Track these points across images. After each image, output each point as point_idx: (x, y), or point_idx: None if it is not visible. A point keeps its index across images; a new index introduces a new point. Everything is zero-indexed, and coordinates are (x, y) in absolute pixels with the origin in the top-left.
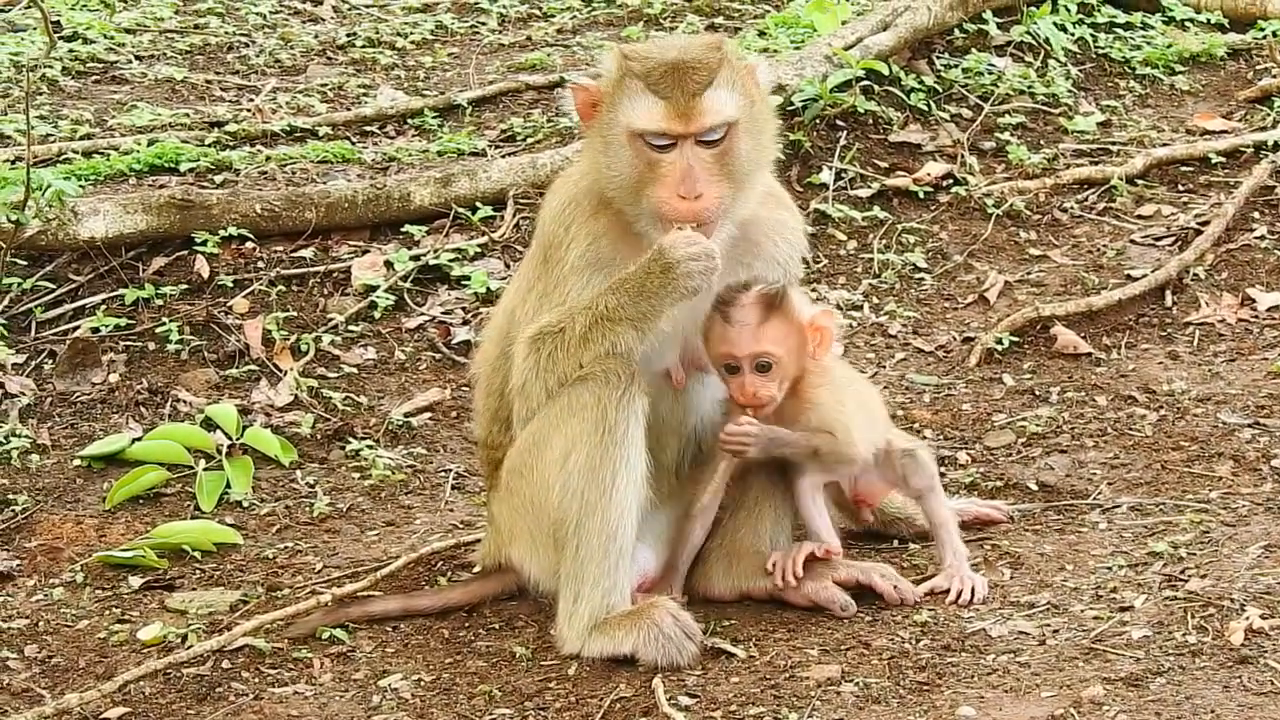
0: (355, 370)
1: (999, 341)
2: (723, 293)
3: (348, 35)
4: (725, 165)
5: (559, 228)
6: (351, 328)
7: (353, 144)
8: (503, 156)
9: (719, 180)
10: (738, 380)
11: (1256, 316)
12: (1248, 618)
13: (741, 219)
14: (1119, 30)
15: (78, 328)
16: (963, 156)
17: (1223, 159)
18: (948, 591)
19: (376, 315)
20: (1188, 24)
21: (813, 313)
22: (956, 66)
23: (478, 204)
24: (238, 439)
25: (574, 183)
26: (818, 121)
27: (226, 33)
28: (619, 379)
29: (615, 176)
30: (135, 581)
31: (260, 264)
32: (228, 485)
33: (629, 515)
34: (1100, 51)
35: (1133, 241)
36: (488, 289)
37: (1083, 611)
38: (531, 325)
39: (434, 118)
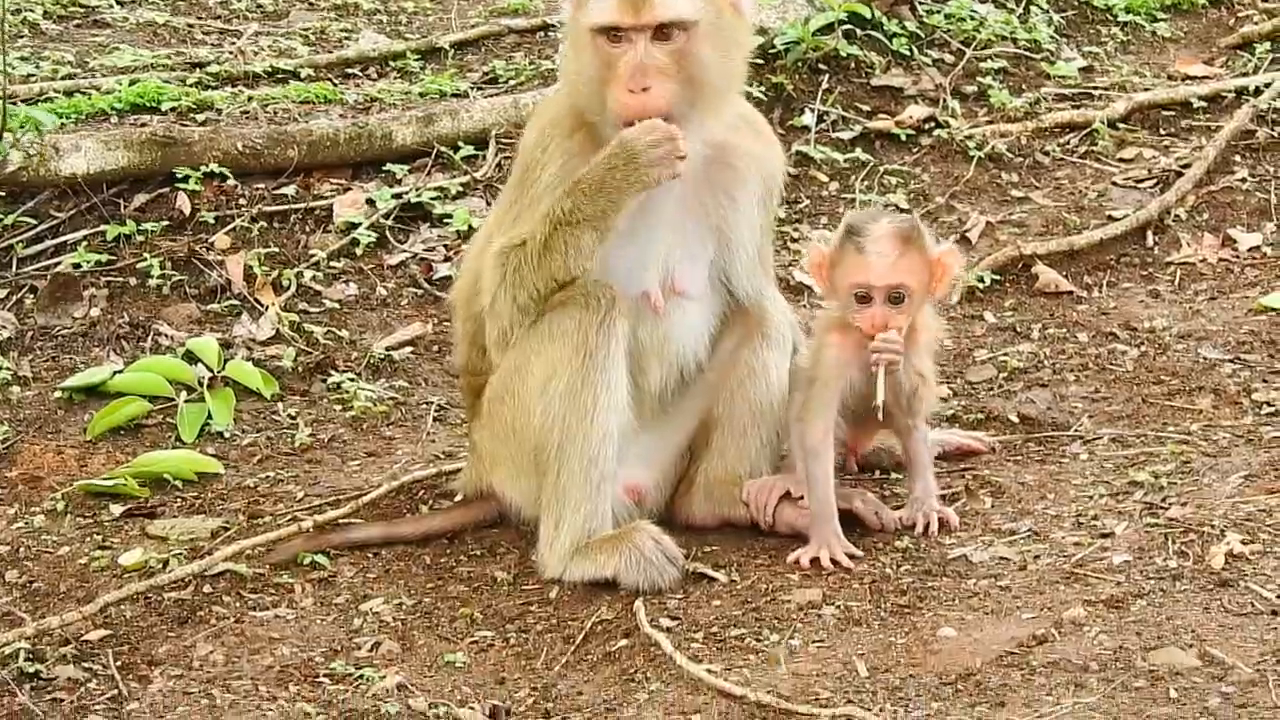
0: (337, 305)
1: (981, 280)
2: (854, 222)
3: None
4: (683, 68)
5: (536, 149)
6: (333, 264)
7: (335, 85)
8: (485, 98)
9: (672, 81)
10: (868, 311)
11: (1237, 256)
12: (1228, 543)
13: (715, 140)
14: None
15: (59, 263)
16: (945, 100)
17: (1204, 104)
18: (913, 526)
19: (358, 252)
20: None
21: (940, 249)
22: (939, 12)
23: (460, 143)
24: (219, 371)
25: (554, 104)
26: (800, 64)
27: None
28: (599, 304)
29: (581, 82)
30: (116, 509)
31: (242, 201)
32: (209, 417)
33: (609, 440)
34: None
35: (1114, 184)
36: (470, 227)
37: (1063, 538)
38: (498, 241)
39: (416, 60)
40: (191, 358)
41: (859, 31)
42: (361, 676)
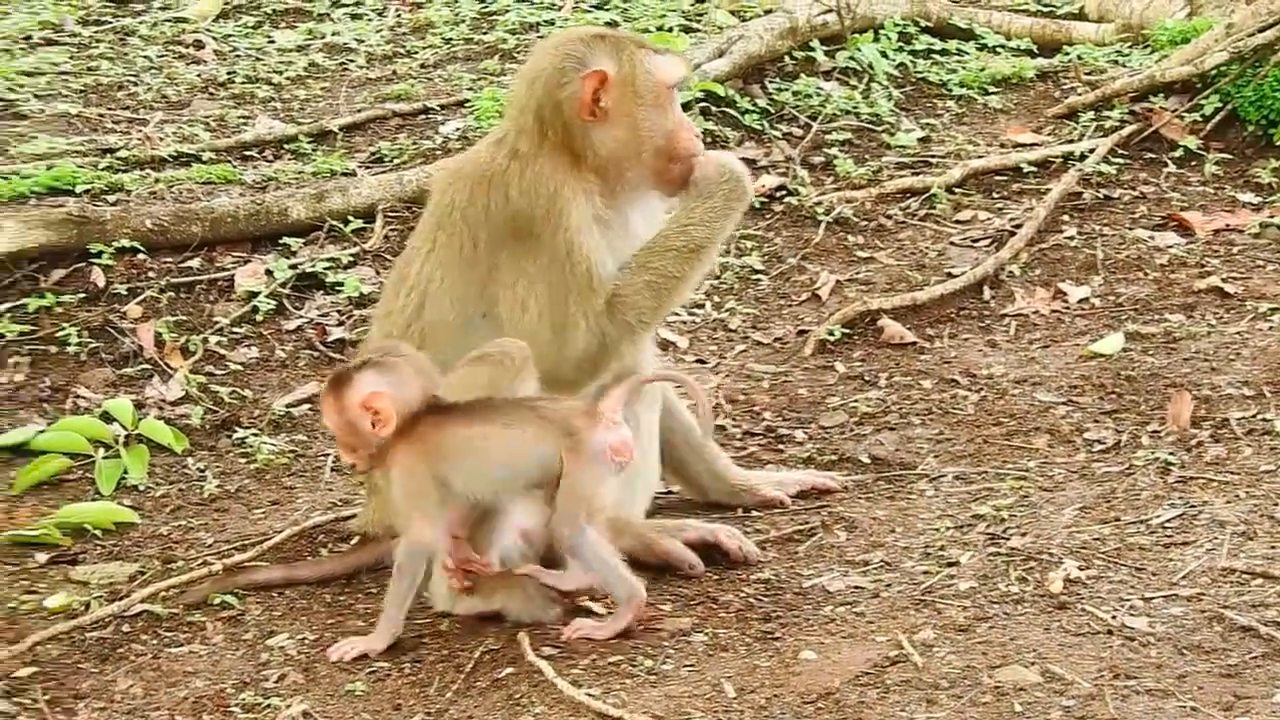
0: (240, 367)
1: (831, 333)
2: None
3: (228, 74)
4: None
5: (535, 198)
6: (236, 330)
7: (234, 167)
8: (372, 175)
9: None
10: None
11: (1068, 308)
12: (1065, 569)
13: None
14: (936, 56)
15: None
16: (794, 170)
17: (1034, 168)
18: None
19: (259, 318)
20: (999, 50)
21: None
22: (787, 90)
23: (350, 217)
24: (133, 430)
25: (517, 161)
26: None
27: (117, 73)
28: (512, 362)
29: (651, 138)
30: (42, 557)
31: (151, 274)
32: (125, 471)
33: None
34: (919, 75)
35: (952, 243)
36: (360, 293)
37: (913, 567)
38: (596, 293)
39: (308, 143)
40: (108, 418)
41: (714, 109)
42: (269, 706)
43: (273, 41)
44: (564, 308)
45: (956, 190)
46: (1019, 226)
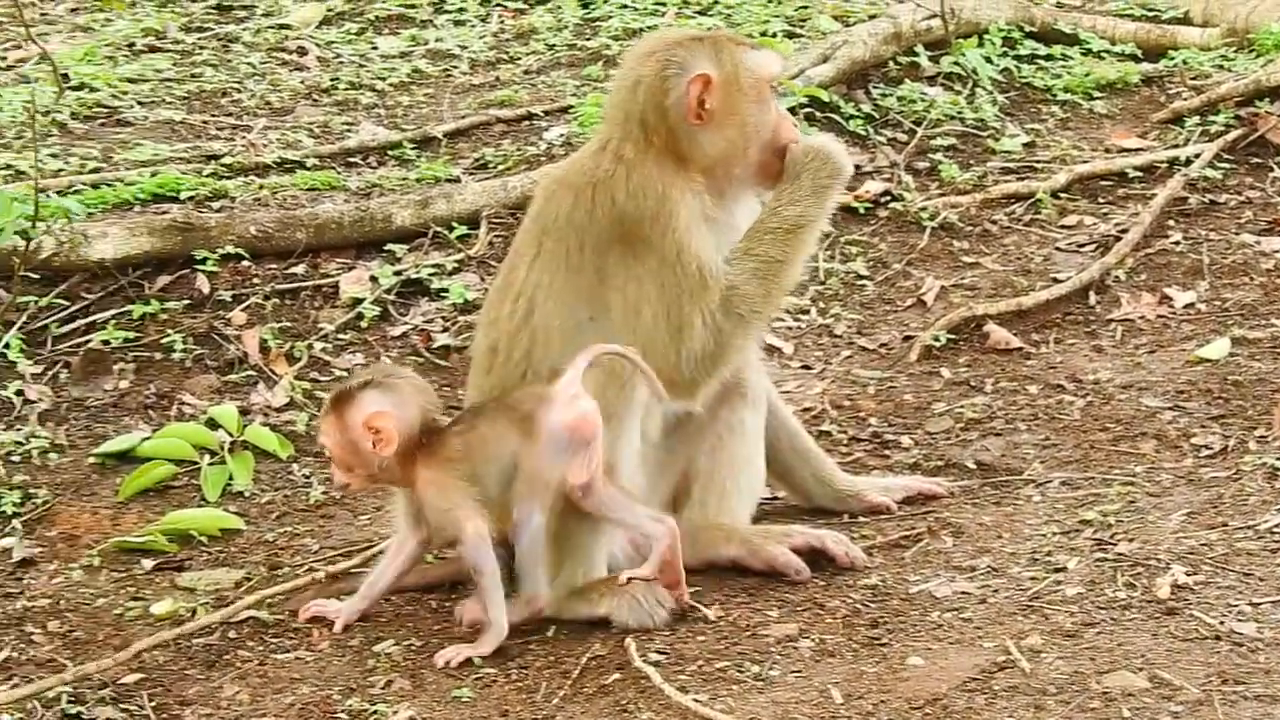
0: (345, 374)
1: (936, 339)
2: None
3: (331, 80)
4: None
5: (643, 201)
6: (340, 336)
7: (338, 173)
8: (476, 181)
9: None
10: None
11: (1174, 313)
12: (1173, 574)
13: None
14: (1040, 61)
15: (90, 341)
16: (899, 175)
17: (1139, 173)
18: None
19: (363, 325)
20: (1104, 54)
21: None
22: (891, 95)
23: (454, 223)
24: (239, 436)
25: (622, 166)
26: None
27: (220, 80)
28: (621, 371)
29: (757, 134)
30: (148, 564)
31: (256, 280)
32: (230, 478)
33: None
34: (1024, 80)
35: (1058, 249)
36: (465, 299)
37: (1020, 573)
38: (710, 290)
39: (412, 149)
40: (213, 424)
41: (818, 114)
42: (376, 712)
43: (376, 48)
44: (679, 308)
45: (1061, 195)
46: (1124, 231)
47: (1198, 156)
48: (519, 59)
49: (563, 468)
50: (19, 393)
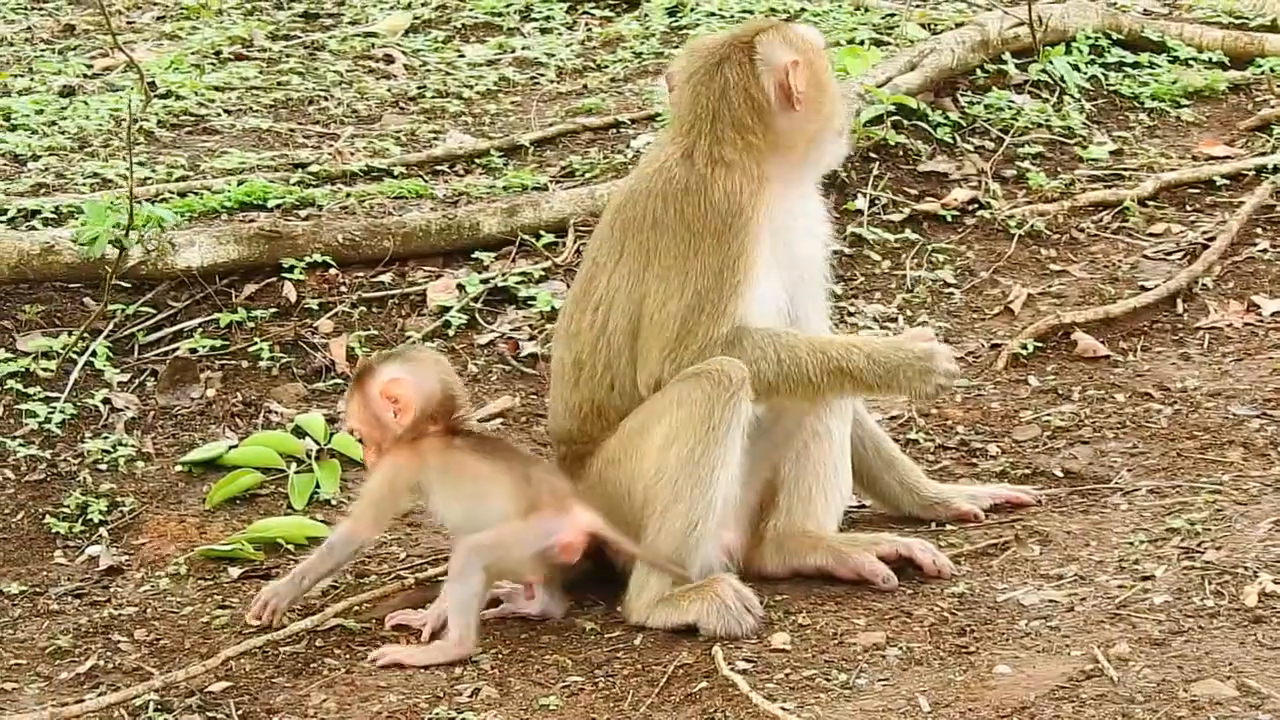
0: None
1: (1024, 347)
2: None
3: (418, 88)
4: None
5: (735, 199)
6: (428, 344)
7: (425, 182)
8: (563, 189)
9: None
10: None
11: (1261, 321)
12: (1261, 582)
13: None
14: (1128, 69)
15: (177, 349)
16: (986, 183)
17: (1226, 181)
18: None
19: (450, 333)
20: (1191, 62)
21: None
22: (979, 103)
23: (541, 232)
24: (326, 444)
25: (721, 167)
26: (852, 154)
27: (307, 88)
28: (730, 381)
29: (842, 101)
30: (234, 572)
31: (343, 288)
32: (317, 485)
33: (714, 509)
34: (1111, 88)
35: (1145, 256)
36: (552, 307)
37: (1107, 581)
38: (724, 320)
39: (499, 157)
40: (300, 432)
41: (906, 122)
42: None
43: (462, 56)
44: (696, 316)
45: (1149, 203)
46: (1212, 240)
47: None
48: (606, 67)
49: (523, 559)
50: (106, 401)
